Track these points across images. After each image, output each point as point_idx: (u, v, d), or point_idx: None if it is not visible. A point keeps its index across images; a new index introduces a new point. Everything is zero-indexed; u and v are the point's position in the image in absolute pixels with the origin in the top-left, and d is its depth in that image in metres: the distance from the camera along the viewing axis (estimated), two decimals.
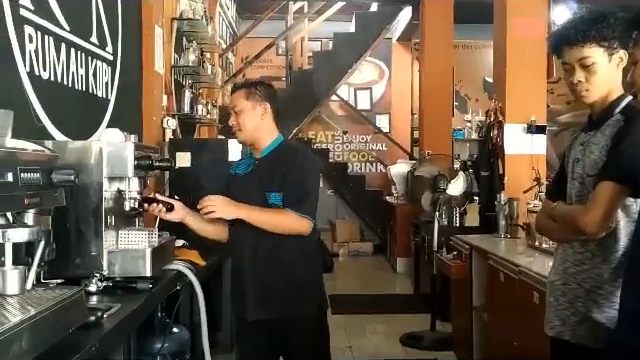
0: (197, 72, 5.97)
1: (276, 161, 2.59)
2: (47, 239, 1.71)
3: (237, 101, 2.62)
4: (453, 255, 4.08)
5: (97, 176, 2.27)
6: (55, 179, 1.53)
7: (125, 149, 2.29)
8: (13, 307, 1.41)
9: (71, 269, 2.22)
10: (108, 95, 3.87)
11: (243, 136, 2.63)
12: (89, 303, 2.05)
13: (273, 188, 2.54)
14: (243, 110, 2.60)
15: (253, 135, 2.62)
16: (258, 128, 2.61)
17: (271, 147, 2.64)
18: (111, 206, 2.35)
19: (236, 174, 2.74)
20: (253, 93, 2.61)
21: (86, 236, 2.25)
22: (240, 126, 2.61)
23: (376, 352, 4.81)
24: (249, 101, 2.59)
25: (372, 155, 10.81)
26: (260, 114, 2.60)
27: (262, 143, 2.63)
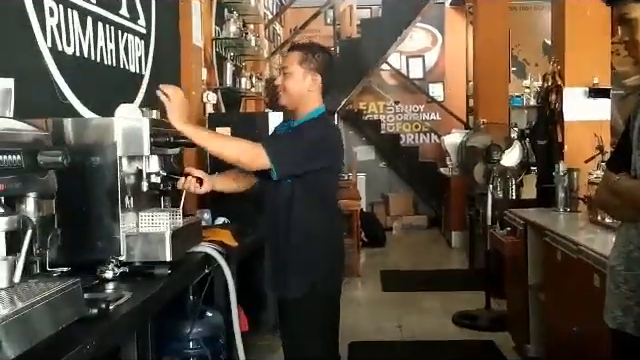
0: (240, 44, 5.82)
1: None
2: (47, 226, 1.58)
3: (289, 63, 2.48)
4: (507, 231, 3.81)
5: (112, 155, 2.13)
6: (41, 161, 1.38)
7: (140, 126, 2.14)
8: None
9: (87, 254, 2.10)
10: (142, 70, 3.75)
11: (285, 100, 2.49)
12: (105, 291, 1.93)
13: None
14: (292, 74, 2.45)
15: (295, 102, 2.48)
16: (302, 97, 2.46)
17: (307, 118, 2.48)
18: (130, 187, 2.22)
19: (276, 133, 2.66)
20: (309, 60, 2.45)
21: (102, 219, 2.12)
22: (285, 89, 2.47)
23: (427, 332, 4.60)
24: (302, 67, 2.44)
25: (425, 125, 10.46)
26: (308, 84, 2.45)
27: (302, 112, 2.49)
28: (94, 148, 2.13)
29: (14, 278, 1.35)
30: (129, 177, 2.22)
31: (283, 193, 2.39)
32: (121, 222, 2.13)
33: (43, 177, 1.41)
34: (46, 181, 1.43)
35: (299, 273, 2.42)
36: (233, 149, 2.34)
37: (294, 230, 2.40)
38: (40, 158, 1.38)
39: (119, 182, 2.12)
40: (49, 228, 1.66)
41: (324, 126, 2.51)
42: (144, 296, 1.83)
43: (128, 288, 1.93)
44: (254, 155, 2.29)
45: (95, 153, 2.13)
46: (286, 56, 2.54)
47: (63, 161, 1.40)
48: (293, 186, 2.38)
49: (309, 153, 2.37)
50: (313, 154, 2.37)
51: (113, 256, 2.04)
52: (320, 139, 2.44)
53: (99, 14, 3.13)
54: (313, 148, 2.39)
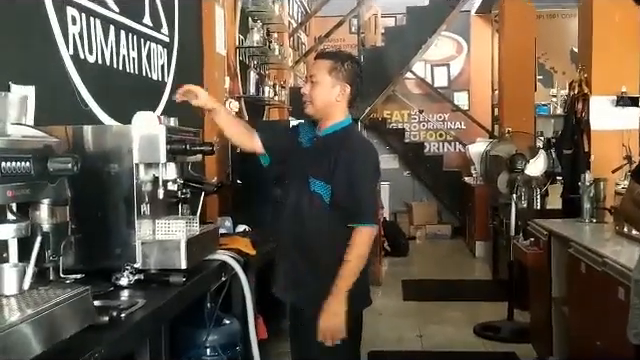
0: (264, 53, 5.83)
1: (329, 146, 2.36)
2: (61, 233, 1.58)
3: (318, 71, 2.38)
4: (530, 241, 3.74)
5: (129, 162, 2.13)
6: (51, 168, 1.39)
7: (156, 133, 2.14)
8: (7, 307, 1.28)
9: (103, 261, 2.11)
10: (165, 78, 3.77)
11: (312, 110, 2.40)
12: (119, 298, 1.93)
13: (318, 175, 2.33)
14: (320, 84, 2.36)
15: (322, 112, 2.39)
16: (329, 107, 2.38)
17: (334, 129, 2.40)
18: (147, 194, 2.22)
19: (300, 143, 2.50)
20: (338, 70, 2.36)
21: (119, 226, 2.13)
22: (312, 98, 2.38)
23: (448, 343, 4.54)
24: (331, 77, 2.35)
25: (450, 134, 10.38)
26: (337, 95, 2.37)
27: (328, 122, 2.41)
28: (112, 155, 2.14)
29: (23, 285, 1.35)
30: (146, 184, 2.23)
31: (318, 207, 2.33)
32: (137, 229, 2.13)
33: (54, 184, 1.41)
34: (57, 188, 1.43)
35: None
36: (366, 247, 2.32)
37: (328, 243, 2.34)
38: (50, 165, 1.38)
39: (135, 189, 2.13)
40: (63, 235, 1.66)
41: (369, 148, 2.44)
42: (158, 304, 1.82)
43: (142, 295, 1.93)
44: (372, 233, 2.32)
45: (113, 160, 2.14)
46: (314, 64, 2.44)
47: (73, 168, 1.40)
48: (332, 205, 2.32)
49: (374, 188, 2.43)
50: (375, 186, 2.44)
51: (128, 263, 2.04)
52: (374, 169, 2.42)
53: (122, 23, 3.15)
54: (374, 181, 2.45)
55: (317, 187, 2.32)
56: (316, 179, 2.32)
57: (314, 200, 2.32)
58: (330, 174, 2.30)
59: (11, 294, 1.34)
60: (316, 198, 2.32)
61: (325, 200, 2.31)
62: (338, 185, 2.29)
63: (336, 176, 2.29)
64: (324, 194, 2.31)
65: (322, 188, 2.31)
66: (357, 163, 2.33)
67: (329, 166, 2.31)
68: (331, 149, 2.34)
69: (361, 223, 2.28)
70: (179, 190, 2.33)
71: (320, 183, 2.32)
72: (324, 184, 2.31)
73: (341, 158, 2.30)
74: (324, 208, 2.32)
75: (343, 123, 2.42)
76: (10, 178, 1.24)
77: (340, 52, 2.51)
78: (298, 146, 2.50)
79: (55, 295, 1.35)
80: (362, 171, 2.34)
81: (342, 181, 2.29)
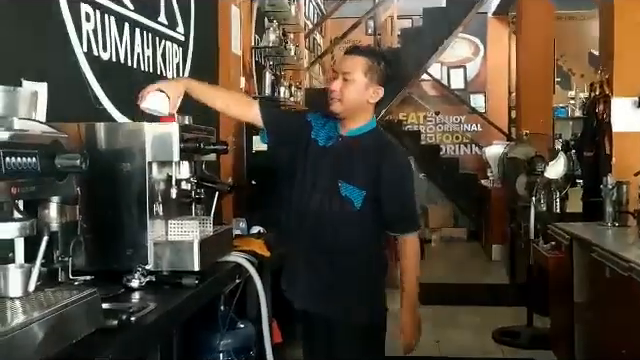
0: (279, 53, 5.78)
1: (363, 150, 2.28)
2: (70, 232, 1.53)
3: (352, 68, 2.24)
4: (551, 245, 3.65)
5: (141, 160, 2.08)
6: (59, 164, 1.33)
7: (169, 131, 2.08)
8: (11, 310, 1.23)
9: (113, 262, 2.05)
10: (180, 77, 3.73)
11: (340, 108, 2.26)
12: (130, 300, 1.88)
13: (351, 181, 2.25)
14: (355, 83, 2.23)
15: (350, 112, 2.28)
16: (359, 108, 2.28)
17: (361, 130, 2.31)
18: (160, 193, 2.17)
19: (315, 141, 2.37)
20: (373, 70, 2.23)
21: (130, 226, 2.07)
22: (342, 96, 2.24)
23: (466, 348, 4.45)
24: (366, 77, 2.23)
25: (466, 137, 10.28)
26: (369, 96, 2.26)
27: (355, 123, 2.31)
28: (124, 153, 2.09)
29: (29, 287, 1.30)
30: (158, 183, 2.17)
31: (347, 212, 2.26)
32: (149, 230, 2.08)
33: (62, 181, 1.36)
34: (65, 186, 1.37)
35: (369, 298, 2.34)
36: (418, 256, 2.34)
37: (360, 250, 2.29)
38: (58, 161, 1.33)
39: (147, 188, 2.07)
40: (73, 234, 1.61)
41: (404, 154, 2.39)
42: (169, 306, 1.77)
43: (154, 298, 1.87)
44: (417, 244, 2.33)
45: (125, 158, 2.09)
46: (347, 59, 2.28)
47: (81, 165, 1.34)
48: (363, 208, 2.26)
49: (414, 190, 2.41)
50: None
51: (140, 265, 1.99)
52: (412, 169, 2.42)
53: (137, 20, 3.11)
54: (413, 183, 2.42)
55: (349, 192, 2.24)
56: (348, 184, 2.24)
57: (344, 205, 2.25)
58: (368, 181, 2.24)
59: (16, 296, 1.29)
60: (346, 203, 2.25)
61: (355, 205, 2.24)
62: (388, 199, 2.25)
63: (384, 189, 2.24)
64: (355, 199, 2.24)
65: (354, 193, 2.24)
66: (406, 179, 2.31)
67: (368, 173, 2.24)
68: (364, 153, 2.26)
69: (409, 233, 2.27)
70: (192, 190, 2.27)
71: (352, 188, 2.24)
72: (357, 189, 2.24)
73: (387, 171, 2.24)
74: (353, 213, 2.25)
75: (371, 124, 2.34)
76: (14, 174, 1.18)
77: (376, 50, 2.42)
78: (314, 143, 2.37)
79: (62, 297, 1.30)
80: (410, 185, 2.33)
81: (392, 196, 2.26)
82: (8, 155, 1.16)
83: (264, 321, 2.50)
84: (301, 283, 2.38)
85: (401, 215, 2.26)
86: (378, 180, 2.22)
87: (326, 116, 2.39)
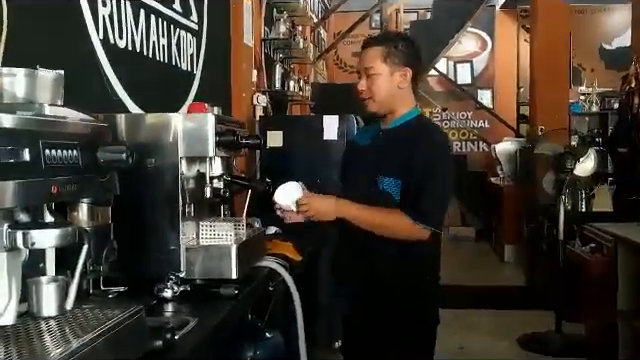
0: (288, 45, 5.59)
1: (401, 139, 2.09)
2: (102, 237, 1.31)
3: (372, 62, 2.10)
4: (591, 247, 3.45)
5: (172, 156, 1.86)
6: (101, 159, 1.11)
7: (205, 123, 1.86)
8: (48, 334, 1.01)
9: (142, 270, 1.83)
10: (194, 69, 3.52)
11: (375, 106, 2.13)
12: (164, 313, 1.65)
13: (389, 172, 2.06)
14: (378, 74, 2.08)
15: (386, 105, 2.12)
16: (393, 97, 2.11)
17: (402, 120, 2.14)
18: (191, 192, 1.95)
19: (356, 144, 2.30)
20: (392, 54, 2.08)
21: (160, 229, 1.85)
22: (372, 94, 2.10)
23: (492, 356, 4.23)
24: (387, 64, 2.08)
25: (474, 133, 10.07)
26: (398, 81, 2.10)
27: (395, 114, 2.15)
28: (151, 148, 1.87)
29: (66, 304, 1.08)
30: (189, 181, 1.95)
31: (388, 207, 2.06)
32: (181, 233, 1.86)
33: (104, 179, 1.13)
34: (107, 183, 1.15)
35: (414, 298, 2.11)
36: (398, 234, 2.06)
37: (400, 249, 2.07)
38: (100, 155, 1.11)
39: (180, 187, 1.85)
40: (106, 240, 1.39)
41: (446, 143, 2.19)
42: (212, 321, 1.54)
43: (191, 311, 1.65)
44: (421, 236, 2.04)
45: (152, 154, 1.86)
46: (364, 54, 2.16)
47: (128, 159, 1.12)
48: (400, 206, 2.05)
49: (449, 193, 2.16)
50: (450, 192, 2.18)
51: (172, 272, 1.77)
52: (450, 168, 2.15)
53: (152, 6, 2.91)
54: (450, 186, 2.16)
55: (386, 185, 2.05)
56: (385, 176, 2.05)
57: (385, 200, 2.05)
58: (403, 168, 2.03)
59: (51, 315, 1.06)
60: (387, 197, 2.05)
61: (395, 198, 2.04)
62: (411, 180, 2.02)
63: (411, 171, 2.01)
64: (394, 192, 2.04)
65: (392, 185, 2.05)
66: (436, 155, 2.06)
67: (403, 160, 2.03)
68: (403, 142, 2.07)
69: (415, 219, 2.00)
70: (224, 188, 2.04)
71: (390, 180, 2.05)
72: (394, 180, 2.04)
73: (419, 152, 2.03)
74: (394, 206, 2.04)
75: (412, 113, 2.15)
76: (55, 170, 0.95)
77: (388, 33, 2.23)
78: (355, 145, 2.30)
79: (105, 318, 1.08)
80: (443, 163, 2.07)
81: (416, 176, 2.02)
82: (48, 147, 0.93)
83: (300, 334, 2.28)
84: (347, 288, 2.18)
85: (417, 196, 2.01)
86: (411, 166, 2.03)
87: (371, 119, 2.28)
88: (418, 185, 2.01)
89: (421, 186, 2.01)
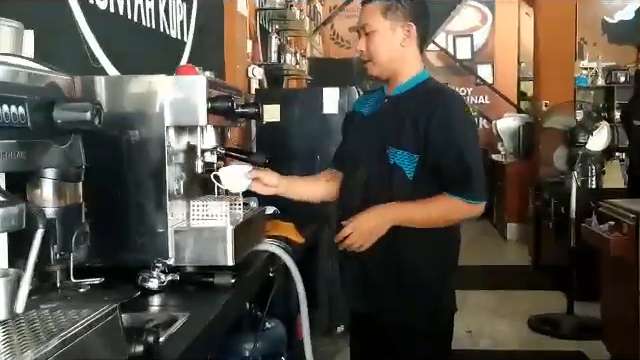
0: (284, 16, 5.32)
1: (412, 106, 1.83)
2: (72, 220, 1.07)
3: (370, 18, 1.86)
4: (610, 225, 3.24)
5: (157, 126, 1.61)
6: (59, 119, 0.87)
7: (195, 87, 1.61)
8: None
9: (123, 256, 1.60)
10: (184, 37, 3.26)
11: (376, 69, 1.87)
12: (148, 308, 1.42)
13: (402, 144, 1.80)
14: (377, 32, 1.83)
15: (389, 68, 1.86)
16: (397, 58, 1.85)
17: (410, 84, 1.88)
18: (179, 167, 1.71)
19: (358, 114, 2.02)
20: (394, 9, 1.82)
21: (144, 209, 1.61)
22: (372, 55, 1.85)
23: (502, 339, 4.04)
24: (387, 19, 1.83)
25: (474, 109, 9.80)
26: (401, 39, 1.83)
27: (400, 77, 1.88)
28: (134, 117, 1.63)
29: (16, 307, 0.84)
30: (177, 155, 1.71)
31: (399, 185, 1.82)
32: (169, 213, 1.62)
33: (63, 145, 0.89)
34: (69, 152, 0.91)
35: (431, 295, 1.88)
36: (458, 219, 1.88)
37: (422, 240, 1.83)
38: (57, 114, 0.86)
39: (167, 161, 1.61)
40: (76, 223, 1.15)
41: (462, 105, 1.92)
42: (206, 317, 1.30)
43: (181, 304, 1.43)
44: (479, 212, 1.84)
45: (135, 124, 1.62)
46: (362, 11, 1.91)
47: (93, 120, 0.88)
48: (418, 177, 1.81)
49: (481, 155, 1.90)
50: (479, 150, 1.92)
51: (158, 259, 1.53)
52: (475, 132, 1.93)
53: None
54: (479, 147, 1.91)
55: (398, 159, 1.80)
56: (397, 149, 1.80)
57: (395, 175, 1.81)
58: (418, 141, 1.78)
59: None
60: (397, 173, 1.80)
61: (408, 175, 1.80)
62: (430, 154, 1.78)
63: (432, 142, 1.77)
64: (407, 167, 1.79)
65: (405, 160, 1.79)
66: (457, 122, 1.82)
67: (418, 132, 1.78)
68: (415, 109, 1.81)
69: (466, 198, 1.77)
70: (218, 163, 1.80)
71: (403, 154, 1.79)
72: (409, 154, 1.79)
73: (435, 118, 1.78)
74: (406, 184, 1.80)
75: (420, 77, 1.89)
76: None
77: None
78: (359, 116, 2.00)
79: (68, 320, 0.84)
80: (465, 132, 1.83)
81: (441, 146, 1.77)
82: None
83: (304, 323, 2.06)
84: (350, 278, 1.94)
85: (455, 170, 1.77)
86: (428, 139, 1.78)
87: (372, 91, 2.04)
88: (448, 160, 1.78)
89: (452, 160, 1.78)
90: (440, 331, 1.88)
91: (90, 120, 0.89)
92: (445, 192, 1.77)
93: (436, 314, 1.86)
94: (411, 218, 1.80)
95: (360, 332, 1.98)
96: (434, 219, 1.81)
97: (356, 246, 1.79)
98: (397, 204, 1.80)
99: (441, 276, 1.90)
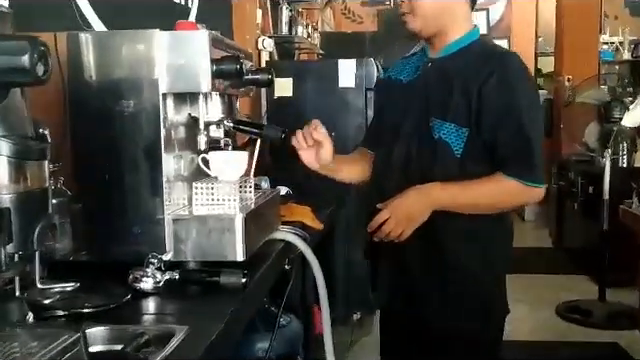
0: None
1: (462, 70, 1.54)
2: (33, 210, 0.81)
3: None
4: None
5: (151, 93, 1.34)
6: None
7: (197, 45, 1.33)
8: None
9: (112, 250, 1.34)
10: (188, 2, 2.99)
11: (418, 22, 1.56)
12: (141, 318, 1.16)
13: (446, 116, 1.52)
14: None
15: (435, 22, 1.56)
16: (445, 10, 1.56)
17: (459, 45, 1.58)
18: (178, 144, 1.44)
19: (395, 81, 1.72)
20: None
21: (137, 193, 1.35)
22: (412, 6, 1.55)
23: (530, 327, 3.77)
24: None
25: None
26: None
27: (447, 36, 1.58)
28: (123, 83, 1.35)
29: None
30: (177, 129, 1.43)
31: (445, 163, 1.54)
32: (165, 198, 1.35)
33: None
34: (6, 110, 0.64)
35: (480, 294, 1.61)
36: (510, 204, 1.62)
37: (474, 229, 1.57)
38: None
39: (163, 136, 1.34)
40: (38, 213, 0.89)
41: (525, 71, 1.58)
42: (208, 331, 1.04)
43: (180, 311, 1.16)
44: (537, 198, 1.57)
45: (124, 91, 1.35)
46: None
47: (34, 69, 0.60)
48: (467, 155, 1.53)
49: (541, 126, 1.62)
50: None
51: (153, 253, 1.27)
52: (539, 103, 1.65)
53: None
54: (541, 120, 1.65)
55: (445, 133, 1.52)
56: (443, 121, 1.52)
57: (439, 152, 1.53)
58: (471, 115, 1.50)
59: None
60: (442, 149, 1.52)
61: (455, 152, 1.52)
62: (492, 125, 1.50)
63: (486, 113, 1.49)
64: (454, 143, 1.51)
65: (452, 133, 1.51)
66: (518, 89, 1.52)
67: (468, 100, 1.50)
68: (468, 76, 1.52)
69: (525, 179, 1.49)
70: (225, 138, 1.53)
71: (450, 127, 1.51)
72: (456, 127, 1.51)
73: (491, 84, 1.49)
74: (453, 162, 1.53)
75: (471, 36, 1.60)
76: None
77: None
78: (397, 83, 1.70)
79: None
80: (528, 101, 1.54)
81: (497, 118, 1.49)
82: None
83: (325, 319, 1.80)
84: (384, 273, 1.68)
85: (514, 147, 1.49)
86: (482, 108, 1.49)
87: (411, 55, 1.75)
88: (505, 134, 1.49)
89: (511, 135, 1.49)
90: (491, 337, 1.62)
91: (29, 68, 0.62)
92: (499, 172, 1.50)
93: (488, 317, 1.60)
94: (457, 202, 1.53)
95: (395, 335, 1.72)
96: (484, 204, 1.54)
97: (394, 234, 1.52)
98: (441, 184, 1.53)
99: (495, 273, 1.63)
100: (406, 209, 1.51)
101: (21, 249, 0.86)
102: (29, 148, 0.83)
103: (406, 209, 1.51)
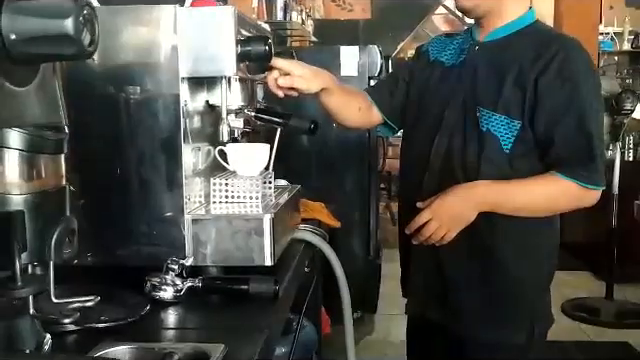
0: None
1: (516, 55, 1.39)
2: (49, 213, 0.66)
3: None
4: None
5: (169, 75, 1.19)
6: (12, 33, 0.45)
7: (219, 22, 1.18)
8: None
9: (127, 252, 1.19)
10: None
11: (471, 1, 1.41)
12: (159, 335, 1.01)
13: (496, 107, 1.38)
14: None
15: (486, 3, 1.41)
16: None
17: (512, 27, 1.43)
18: (194, 134, 1.29)
19: (435, 63, 1.55)
20: None
21: (152, 190, 1.20)
22: None
23: None
24: None
25: None
26: None
27: (499, 17, 1.42)
28: (135, 67, 1.20)
29: None
30: (193, 118, 1.28)
31: (493, 158, 1.39)
32: (185, 196, 1.20)
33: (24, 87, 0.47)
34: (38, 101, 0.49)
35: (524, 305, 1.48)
36: (564, 208, 1.49)
37: (522, 233, 1.43)
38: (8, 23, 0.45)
39: (183, 127, 1.19)
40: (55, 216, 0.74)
41: (589, 62, 1.41)
42: (249, 352, 0.90)
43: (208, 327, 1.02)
44: (593, 201, 1.41)
45: (137, 76, 1.20)
46: None
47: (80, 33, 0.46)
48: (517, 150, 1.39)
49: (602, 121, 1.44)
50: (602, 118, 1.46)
51: (173, 258, 1.12)
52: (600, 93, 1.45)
53: None
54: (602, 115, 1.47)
55: (493, 124, 1.38)
56: (493, 112, 1.38)
57: (487, 146, 1.39)
58: (524, 107, 1.36)
59: None
60: (490, 143, 1.38)
61: (504, 147, 1.38)
62: (549, 119, 1.35)
63: (544, 105, 1.35)
64: (504, 136, 1.37)
65: (503, 127, 1.37)
66: (581, 80, 1.37)
67: (522, 90, 1.36)
68: (522, 61, 1.37)
69: (583, 181, 1.35)
70: (246, 127, 1.38)
71: (500, 119, 1.37)
72: (508, 120, 1.37)
73: (550, 72, 1.35)
74: (501, 158, 1.38)
75: (527, 18, 1.44)
76: None
77: None
78: (438, 66, 1.54)
79: None
80: (590, 94, 1.39)
81: (556, 111, 1.35)
82: None
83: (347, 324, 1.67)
84: (416, 276, 1.54)
85: (573, 144, 1.35)
86: (539, 99, 1.35)
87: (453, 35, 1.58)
88: (564, 130, 1.35)
89: (570, 130, 1.35)
90: (535, 351, 1.49)
91: (73, 34, 0.47)
92: (554, 171, 1.36)
93: (533, 331, 1.47)
94: (506, 203, 1.39)
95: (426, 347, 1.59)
96: (535, 206, 1.41)
97: (436, 238, 1.38)
98: (488, 183, 1.39)
99: (544, 283, 1.50)
100: (450, 210, 1.38)
101: (35, 257, 0.71)
102: (44, 140, 0.68)
103: (450, 210, 1.38)
